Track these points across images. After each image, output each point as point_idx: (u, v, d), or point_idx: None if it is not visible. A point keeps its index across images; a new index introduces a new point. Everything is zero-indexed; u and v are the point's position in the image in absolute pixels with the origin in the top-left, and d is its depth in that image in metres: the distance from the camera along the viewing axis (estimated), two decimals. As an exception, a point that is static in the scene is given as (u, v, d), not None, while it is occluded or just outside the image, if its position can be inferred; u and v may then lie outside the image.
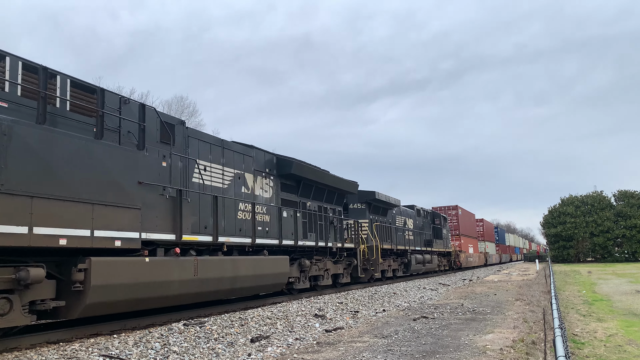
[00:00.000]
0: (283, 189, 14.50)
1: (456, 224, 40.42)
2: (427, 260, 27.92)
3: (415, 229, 28.07)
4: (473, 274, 32.34)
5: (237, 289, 11.20)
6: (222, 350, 7.39)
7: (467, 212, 45.59)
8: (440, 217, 33.11)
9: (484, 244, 51.60)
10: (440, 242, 32.14)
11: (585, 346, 8.28)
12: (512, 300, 14.13)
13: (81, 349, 6.86)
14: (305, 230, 15.10)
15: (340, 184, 17.77)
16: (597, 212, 59.54)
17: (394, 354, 6.85)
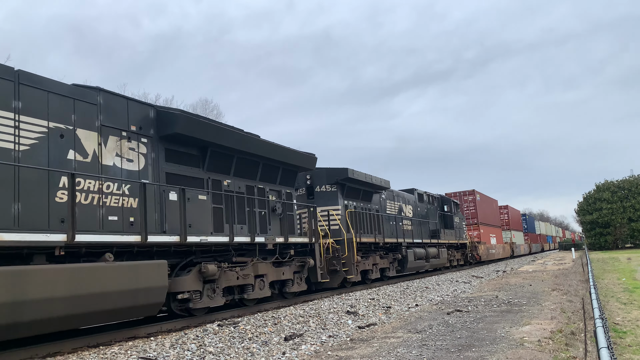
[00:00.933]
0: (171, 158, 9.98)
1: (474, 211, 35.67)
2: (432, 254, 23.26)
3: (415, 217, 23.45)
4: (507, 265, 31.71)
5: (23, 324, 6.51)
6: (257, 349, 7.46)
7: (487, 198, 40.44)
8: (451, 202, 28.69)
9: (509, 234, 47.13)
10: (451, 232, 27.74)
11: (627, 335, 8.02)
12: (549, 291, 13.80)
13: (120, 352, 7.04)
14: (218, 220, 10.73)
15: (285, 155, 13.15)
16: (634, 196, 57.63)
17: (428, 349, 6.78)
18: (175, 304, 9.57)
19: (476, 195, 36.40)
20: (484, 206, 38.21)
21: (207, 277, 9.83)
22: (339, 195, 16.91)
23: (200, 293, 9.79)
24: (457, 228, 28.82)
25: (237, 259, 10.91)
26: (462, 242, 29.93)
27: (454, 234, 28.16)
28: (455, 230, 28.34)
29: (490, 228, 38.66)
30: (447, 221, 27.91)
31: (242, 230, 11.40)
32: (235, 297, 11.12)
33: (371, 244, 18.23)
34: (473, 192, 35.97)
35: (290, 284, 12.93)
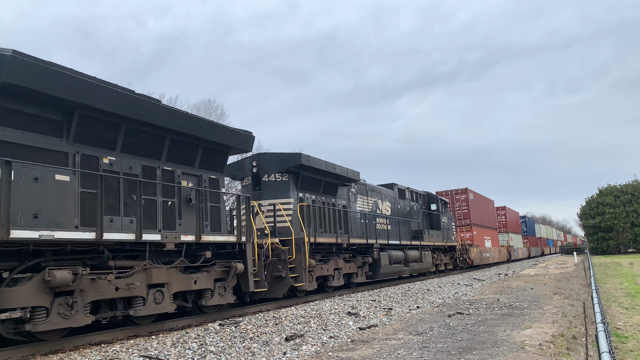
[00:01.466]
0: (5, 121, 7.25)
1: (466, 211, 32.52)
2: (412, 258, 20.46)
3: (394, 216, 20.60)
4: (508, 268, 31.63)
5: None
6: (258, 349, 7.47)
7: (481, 198, 36.98)
8: (438, 200, 25.53)
9: (506, 236, 44.63)
10: (438, 233, 24.73)
11: (628, 340, 8.01)
12: (550, 294, 13.78)
13: (122, 350, 7.06)
14: (90, 210, 8.05)
15: (207, 131, 10.55)
16: (637, 201, 57.41)
17: (429, 351, 6.78)
18: (2, 326, 6.91)
19: (469, 194, 33.11)
20: (478, 206, 35.12)
21: (56, 287, 7.15)
22: (292, 186, 14.27)
23: (46, 310, 7.14)
24: (445, 229, 25.72)
25: (120, 262, 8.42)
26: (451, 244, 26.78)
27: (441, 236, 25.10)
28: (442, 232, 25.29)
29: (485, 230, 35.69)
30: (433, 221, 24.79)
31: (130, 225, 8.68)
32: (116, 314, 8.38)
33: (332, 246, 15.19)
34: (466, 190, 32.63)
35: (209, 294, 10.16)
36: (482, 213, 36.01)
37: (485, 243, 34.50)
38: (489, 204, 39.64)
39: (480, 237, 33.52)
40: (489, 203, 39.72)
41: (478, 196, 35.97)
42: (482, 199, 37.18)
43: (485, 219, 36.62)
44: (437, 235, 24.57)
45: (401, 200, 21.96)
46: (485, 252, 33.40)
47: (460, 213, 32.64)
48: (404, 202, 22.27)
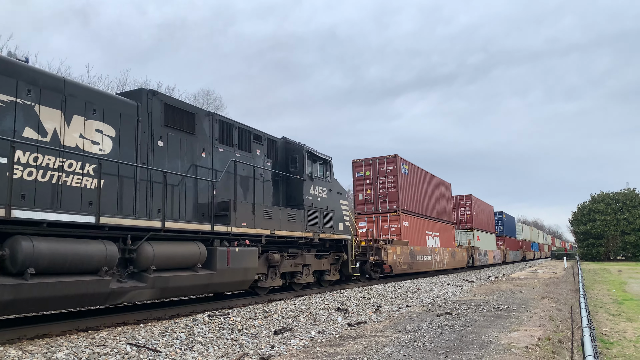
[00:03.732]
0: None
1: (393, 189, 22.15)
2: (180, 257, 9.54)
3: None
4: (499, 271, 31.71)
5: None
6: (246, 341, 7.48)
7: (427, 176, 26.68)
8: (304, 155, 14.07)
9: (470, 235, 35.60)
10: (300, 215, 13.52)
11: (614, 346, 8.07)
12: (539, 298, 13.87)
13: (109, 337, 7.04)
14: None
15: None
16: (629, 209, 57.89)
17: (416, 350, 6.81)
18: None
19: (399, 166, 22.56)
20: (418, 187, 25.21)
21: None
22: None
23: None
24: (315, 208, 14.35)
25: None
26: (337, 236, 15.36)
27: (311, 220, 14.01)
28: (315, 214, 14.27)
29: (429, 222, 26.18)
30: (291, 192, 13.95)
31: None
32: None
33: None
34: (395, 159, 22.35)
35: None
36: (426, 198, 26.16)
37: (427, 241, 25.08)
38: (441, 187, 29.36)
39: (416, 231, 23.88)
40: (441, 187, 29.40)
41: (419, 172, 25.57)
42: (427, 179, 26.82)
43: (431, 208, 26.83)
44: (297, 218, 13.27)
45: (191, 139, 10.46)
46: (420, 254, 23.23)
47: (385, 193, 22.36)
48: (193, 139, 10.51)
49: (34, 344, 6.46)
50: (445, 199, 30.38)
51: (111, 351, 6.30)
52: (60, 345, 6.44)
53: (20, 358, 5.73)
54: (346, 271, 16.11)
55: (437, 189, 28.89)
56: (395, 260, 20.29)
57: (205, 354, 6.70)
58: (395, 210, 22.44)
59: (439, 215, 28.48)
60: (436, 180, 29.03)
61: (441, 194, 29.62)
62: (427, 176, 27.19)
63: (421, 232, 24.85)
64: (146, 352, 6.43)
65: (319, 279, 15.42)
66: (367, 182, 23.21)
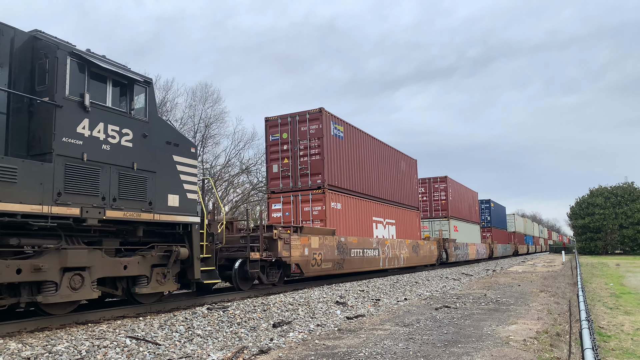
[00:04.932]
0: None
1: (317, 158, 16.28)
2: None
3: None
4: (496, 265, 31.76)
5: None
6: (245, 334, 7.51)
7: (372, 142, 20.11)
8: (59, 56, 7.39)
9: (445, 224, 30.06)
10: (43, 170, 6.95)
11: (611, 339, 8.12)
12: (537, 292, 13.93)
13: (109, 330, 7.06)
14: None
15: None
16: (627, 203, 58.06)
17: (415, 343, 6.84)
18: None
19: (328, 125, 16.57)
20: (360, 158, 18.83)
21: None
22: None
23: None
24: (108, 164, 7.93)
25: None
26: (160, 218, 8.89)
27: (75, 184, 7.42)
28: (90, 172, 7.64)
29: (377, 206, 19.79)
30: (34, 129, 7.45)
31: None
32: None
33: None
34: (320, 115, 16.32)
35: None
36: (374, 175, 19.91)
37: (373, 230, 19.09)
38: (401, 163, 23.16)
39: (355, 217, 17.86)
40: (401, 162, 23.23)
41: (363, 139, 19.17)
42: (376, 149, 20.39)
43: (383, 188, 20.66)
44: None
45: None
46: (363, 247, 17.34)
47: (305, 163, 16.35)
48: None
49: (34, 337, 6.48)
50: (406, 178, 23.83)
51: (111, 344, 6.32)
52: (60, 338, 6.46)
53: (20, 351, 5.75)
54: (192, 275, 9.56)
55: (393, 165, 22.18)
56: (307, 257, 13.70)
57: (205, 346, 6.73)
58: (319, 187, 16.01)
59: (395, 198, 21.92)
60: (393, 153, 22.21)
61: (400, 172, 23.01)
62: (376, 145, 20.51)
63: (364, 219, 18.49)
64: (145, 345, 6.45)
65: (129, 291, 8.93)
66: (284, 148, 16.83)
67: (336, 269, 15.47)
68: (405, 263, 21.28)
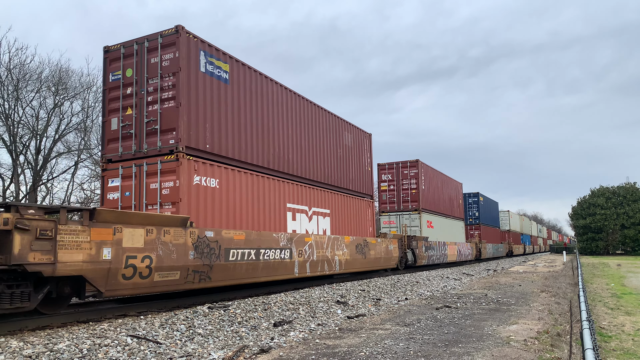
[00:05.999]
0: None
1: (171, 102, 10.37)
2: None
3: None
4: (497, 265, 31.75)
5: None
6: (246, 333, 7.51)
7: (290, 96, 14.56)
8: None
9: (415, 218, 24.99)
10: None
11: (612, 339, 8.11)
12: (538, 292, 13.92)
13: (110, 328, 7.07)
14: None
15: None
16: (629, 203, 58.00)
17: (416, 342, 6.84)
18: None
19: (194, 54, 10.88)
20: (273, 117, 13.74)
21: None
22: None
23: None
24: None
25: None
26: None
27: None
28: None
29: (297, 188, 14.44)
30: None
31: None
32: None
33: None
34: (177, 35, 10.57)
35: None
36: (292, 143, 14.49)
37: (287, 223, 13.62)
38: (344, 134, 17.67)
39: (245, 199, 12.11)
40: (344, 132, 17.71)
41: (267, 86, 13.61)
42: (296, 105, 14.90)
43: (309, 165, 15.28)
44: None
45: None
46: (258, 246, 11.61)
47: (154, 113, 10.73)
48: None
49: (35, 335, 6.49)
50: (353, 156, 18.29)
51: (112, 342, 6.33)
52: (62, 336, 6.48)
53: (22, 349, 5.76)
54: None
55: (330, 135, 16.67)
56: (108, 265, 7.88)
57: (206, 345, 6.74)
58: (171, 151, 10.38)
59: (332, 181, 16.46)
60: (331, 120, 16.79)
61: (343, 147, 17.51)
62: (299, 104, 15.00)
63: (271, 206, 12.93)
64: (147, 344, 6.46)
65: None
66: (127, 92, 11.17)
67: (192, 281, 9.52)
68: (344, 268, 15.64)
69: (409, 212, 25.59)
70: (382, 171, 26.63)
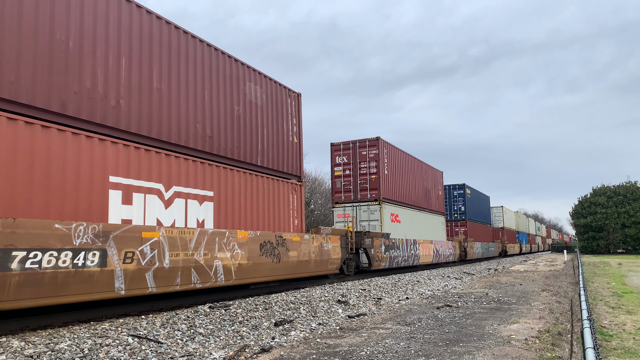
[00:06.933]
0: None
1: None
2: None
3: None
4: (499, 264, 31.73)
5: None
6: (247, 333, 7.52)
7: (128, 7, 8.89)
8: None
9: (375, 210, 20.66)
10: None
11: (613, 338, 8.11)
12: (539, 291, 13.92)
13: (111, 328, 7.08)
14: None
15: None
16: (630, 202, 57.94)
17: (417, 342, 6.85)
18: None
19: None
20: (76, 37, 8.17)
21: None
22: None
23: None
24: None
25: None
26: None
27: None
28: None
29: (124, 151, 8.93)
30: None
31: None
32: None
33: None
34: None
35: None
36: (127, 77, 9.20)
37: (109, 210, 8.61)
38: (251, 87, 12.90)
39: None
40: (252, 85, 12.98)
41: None
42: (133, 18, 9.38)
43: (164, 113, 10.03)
44: None
45: None
46: None
47: None
48: None
49: (36, 335, 6.50)
50: (260, 118, 13.22)
51: (113, 342, 6.34)
52: (63, 336, 6.49)
53: (23, 349, 5.77)
54: None
55: (212, 79, 11.66)
56: None
57: (207, 345, 6.74)
58: None
59: (220, 149, 11.71)
60: (216, 57, 11.82)
61: (244, 102, 12.62)
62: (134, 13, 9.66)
63: (76, 178, 8.16)
64: (148, 343, 6.47)
65: None
66: None
67: None
68: (237, 277, 10.62)
69: (368, 202, 20.78)
70: (336, 152, 21.73)
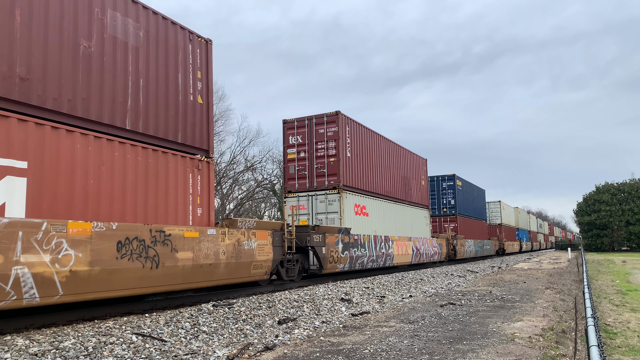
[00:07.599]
0: None
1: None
2: None
3: None
4: (502, 262, 31.68)
5: None
6: (250, 331, 7.53)
7: None
8: None
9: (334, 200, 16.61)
10: None
11: (617, 336, 8.08)
12: (542, 289, 13.88)
13: (115, 326, 7.11)
14: None
15: None
16: (634, 200, 57.72)
17: (420, 340, 6.84)
18: None
19: None
20: None
21: None
22: None
23: None
24: None
25: None
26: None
27: None
28: None
29: None
30: None
31: None
32: None
33: None
34: None
35: None
36: None
37: None
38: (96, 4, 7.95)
39: None
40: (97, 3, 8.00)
41: None
42: None
43: None
44: None
45: None
46: None
47: None
48: None
49: (40, 333, 6.53)
50: (142, 65, 9.22)
51: (117, 340, 6.36)
52: (67, 334, 6.51)
53: (28, 347, 5.79)
54: None
55: None
56: None
57: (210, 343, 6.76)
58: None
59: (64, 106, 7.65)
60: None
61: (105, 38, 8.45)
62: None
63: None
64: (152, 342, 6.49)
65: None
66: None
67: None
68: (64, 293, 6.89)
69: (325, 191, 16.99)
70: (290, 131, 17.99)
